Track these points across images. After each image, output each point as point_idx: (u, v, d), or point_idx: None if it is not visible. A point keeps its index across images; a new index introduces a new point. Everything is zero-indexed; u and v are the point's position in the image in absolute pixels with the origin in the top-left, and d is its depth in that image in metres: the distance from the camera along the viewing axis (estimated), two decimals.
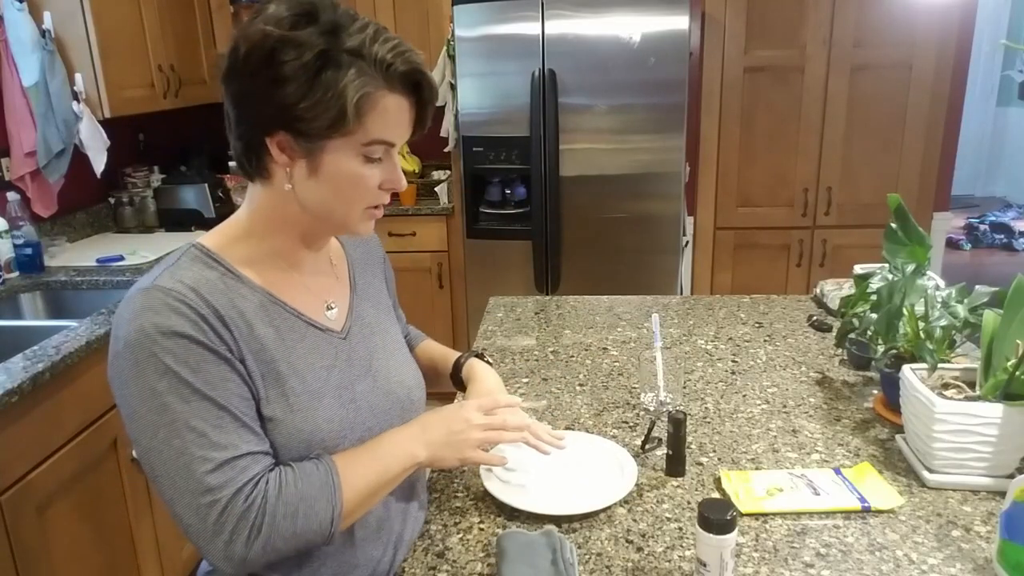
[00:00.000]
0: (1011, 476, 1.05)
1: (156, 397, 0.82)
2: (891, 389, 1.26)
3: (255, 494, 0.82)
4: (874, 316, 1.32)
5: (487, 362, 1.23)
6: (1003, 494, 0.91)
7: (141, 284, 0.86)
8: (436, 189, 3.43)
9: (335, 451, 0.90)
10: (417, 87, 0.87)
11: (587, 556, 0.97)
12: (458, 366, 1.21)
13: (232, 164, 3.71)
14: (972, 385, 1.12)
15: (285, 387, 0.88)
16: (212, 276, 0.88)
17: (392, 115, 0.86)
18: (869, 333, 1.35)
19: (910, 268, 1.27)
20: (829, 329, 1.75)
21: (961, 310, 1.22)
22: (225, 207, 3.11)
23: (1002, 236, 6.18)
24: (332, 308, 0.99)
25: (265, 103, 0.83)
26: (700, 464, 1.19)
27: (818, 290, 1.96)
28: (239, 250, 0.92)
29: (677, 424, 1.14)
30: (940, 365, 1.17)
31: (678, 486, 1.13)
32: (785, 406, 1.39)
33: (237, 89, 0.87)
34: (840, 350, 1.61)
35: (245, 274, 0.91)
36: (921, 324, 1.24)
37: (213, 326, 0.83)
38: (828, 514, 1.04)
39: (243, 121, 0.88)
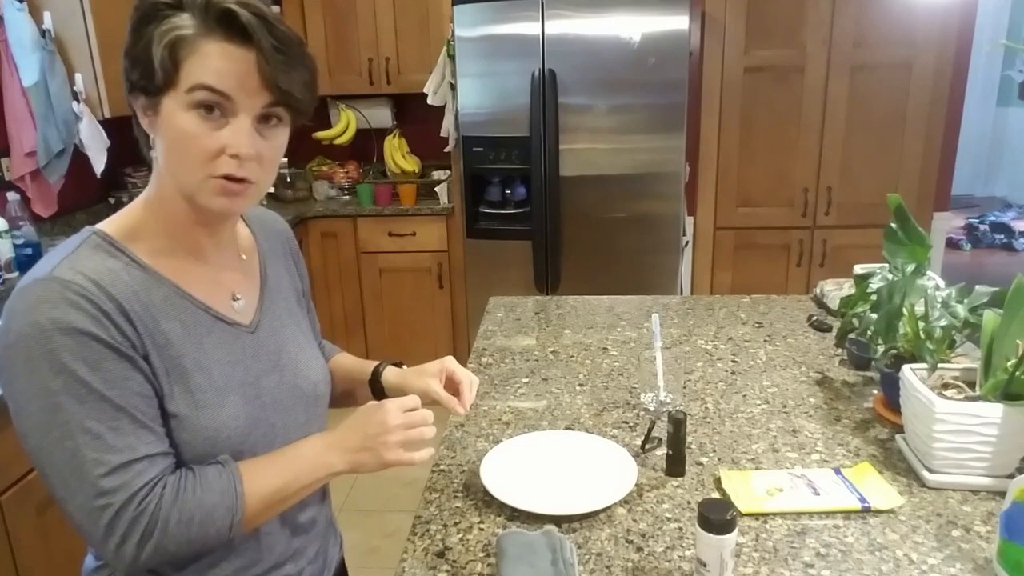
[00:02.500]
0: (1011, 476, 1.05)
1: (49, 396, 0.77)
2: (891, 389, 1.26)
3: (149, 499, 0.79)
4: (874, 316, 1.31)
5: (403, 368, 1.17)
6: (1003, 494, 0.91)
7: (36, 273, 0.79)
8: (436, 189, 3.43)
9: (240, 447, 0.87)
10: (241, 25, 0.79)
11: (587, 556, 0.97)
12: (377, 373, 1.14)
13: None
14: (972, 385, 1.12)
15: (191, 383, 0.84)
16: (115, 266, 0.82)
17: (214, 60, 0.79)
18: (869, 333, 1.35)
19: (910, 268, 1.27)
20: (829, 329, 1.75)
21: (961, 310, 1.22)
22: None
23: (1002, 236, 6.19)
24: (238, 299, 0.95)
25: (123, 66, 0.86)
26: (700, 464, 1.19)
27: (818, 290, 1.96)
28: (143, 238, 0.87)
29: (677, 424, 1.14)
30: (940, 365, 1.17)
31: (678, 486, 1.13)
32: (785, 406, 1.39)
33: (125, 63, 0.89)
34: (840, 350, 1.61)
35: (150, 265, 0.85)
36: (921, 324, 1.24)
37: (115, 322, 0.79)
38: (828, 514, 1.04)
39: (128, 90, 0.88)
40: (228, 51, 0.80)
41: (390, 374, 1.14)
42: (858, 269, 1.62)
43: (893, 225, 1.32)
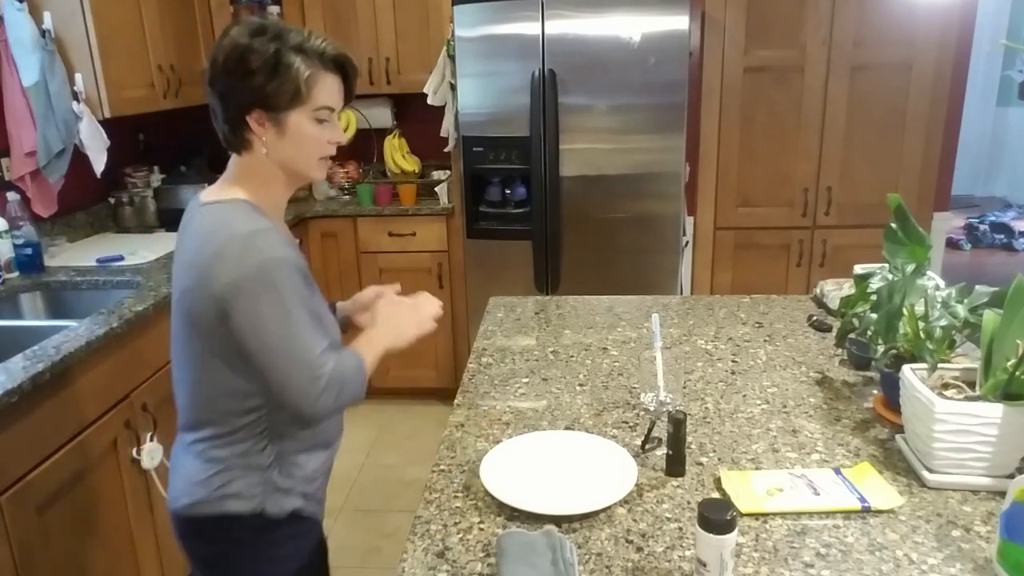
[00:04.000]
0: (1011, 476, 1.05)
1: (281, 306, 1.13)
2: (891, 389, 1.26)
3: (335, 370, 1.18)
4: (874, 316, 1.32)
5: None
6: (1003, 494, 0.91)
7: (234, 231, 1.14)
8: (436, 189, 3.43)
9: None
10: (343, 67, 1.22)
11: (587, 556, 0.97)
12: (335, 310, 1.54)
13: None
14: (972, 385, 1.12)
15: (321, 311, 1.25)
16: (270, 226, 1.18)
17: (329, 87, 1.20)
18: (869, 333, 1.35)
19: (910, 268, 1.27)
20: (829, 329, 1.75)
21: (961, 310, 1.22)
22: None
23: (1002, 236, 6.19)
24: None
25: (242, 91, 1.16)
26: (700, 464, 1.19)
27: (818, 290, 1.96)
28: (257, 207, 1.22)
29: (677, 424, 1.14)
30: (940, 365, 1.17)
31: (678, 486, 1.13)
32: (785, 406, 1.39)
33: (221, 86, 1.18)
34: (840, 350, 1.61)
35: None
36: (921, 324, 1.24)
37: (298, 256, 1.19)
38: (828, 514, 1.04)
39: (228, 108, 1.19)
40: (334, 81, 1.21)
41: (343, 309, 1.58)
42: (858, 269, 1.62)
43: (893, 225, 1.32)
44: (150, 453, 2.00)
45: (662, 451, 1.20)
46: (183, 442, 1.33)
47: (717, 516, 0.84)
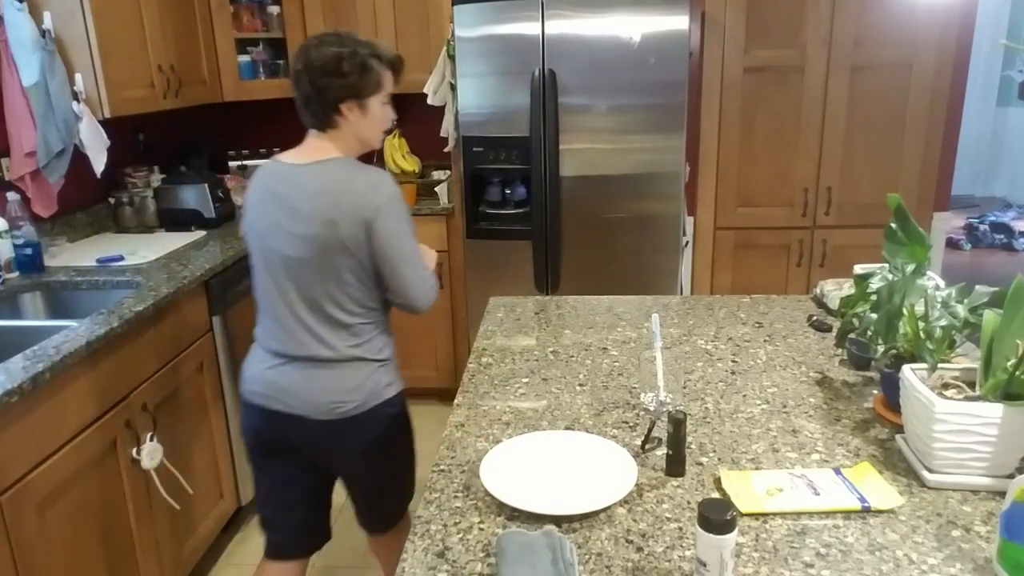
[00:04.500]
0: (1011, 476, 1.05)
1: (409, 225, 1.61)
2: (891, 389, 1.26)
3: (433, 275, 1.68)
4: (874, 316, 1.32)
5: None
6: (1003, 494, 0.91)
7: (368, 175, 1.59)
8: (436, 189, 3.43)
9: None
10: (395, 65, 1.66)
11: (587, 556, 0.97)
12: None
13: (232, 164, 3.72)
14: (972, 385, 1.12)
15: None
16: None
17: (390, 80, 1.65)
18: (869, 333, 1.36)
19: (910, 268, 1.27)
20: (829, 329, 1.75)
21: (961, 310, 1.22)
22: (225, 207, 3.11)
23: (1002, 236, 6.19)
24: None
25: (339, 87, 1.57)
26: (700, 464, 1.19)
27: (818, 290, 1.96)
28: None
29: (677, 424, 1.14)
30: (940, 365, 1.17)
31: (678, 486, 1.13)
32: (785, 406, 1.39)
33: (322, 84, 1.56)
34: (840, 350, 1.61)
35: None
36: (921, 324, 1.24)
37: None
38: (828, 514, 1.04)
39: (326, 100, 1.57)
40: (391, 75, 1.66)
41: None
42: (858, 269, 1.62)
43: (893, 225, 1.32)
44: (150, 453, 2.00)
45: (662, 451, 1.20)
46: (316, 358, 1.59)
47: (717, 516, 0.84)
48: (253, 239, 1.63)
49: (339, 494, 2.68)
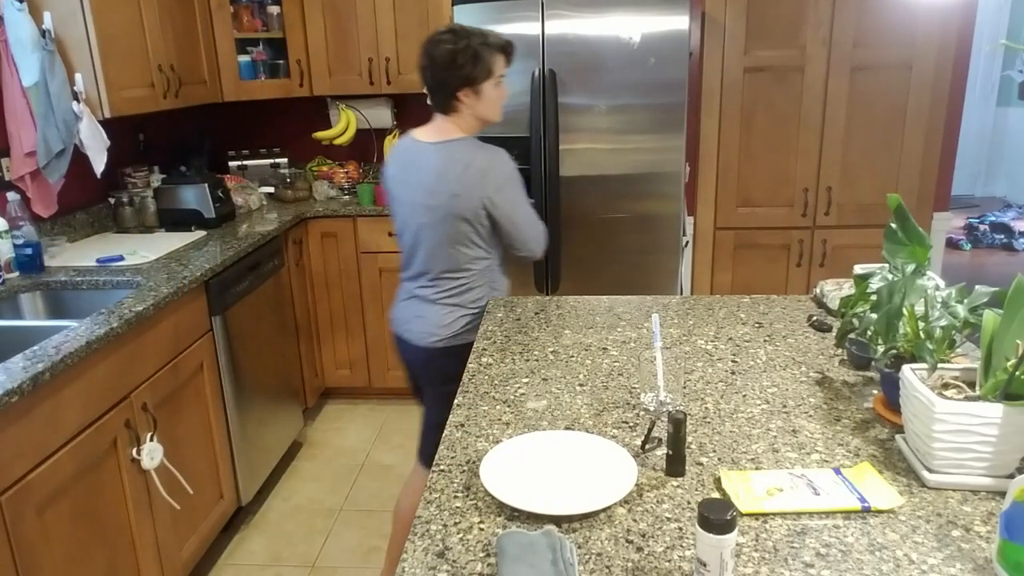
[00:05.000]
0: (1011, 476, 1.06)
1: (523, 193, 1.94)
2: (891, 389, 1.26)
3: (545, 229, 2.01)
4: (874, 316, 1.31)
5: None
6: (1003, 494, 0.91)
7: (489, 153, 1.91)
8: None
9: None
10: (507, 48, 1.93)
11: (587, 556, 0.97)
12: None
13: (232, 164, 3.72)
14: (972, 385, 1.12)
15: None
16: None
17: (501, 62, 1.93)
18: (869, 333, 1.35)
19: (910, 268, 1.27)
20: (829, 329, 1.75)
21: (961, 310, 1.22)
22: (225, 207, 3.11)
23: (1002, 236, 6.19)
24: None
25: (456, 78, 1.86)
26: (700, 464, 1.19)
27: (818, 290, 1.96)
28: None
29: (677, 424, 1.14)
30: (940, 365, 1.17)
31: (678, 486, 1.13)
32: (785, 406, 1.39)
33: (442, 77, 1.86)
34: (840, 350, 1.61)
35: None
36: (921, 324, 1.24)
37: None
38: (828, 514, 1.04)
39: (446, 90, 1.88)
40: (502, 57, 1.94)
41: None
42: (858, 269, 1.63)
43: (893, 225, 1.32)
44: (150, 453, 2.01)
45: (662, 451, 1.20)
46: (426, 298, 1.99)
47: (717, 516, 0.84)
48: (393, 203, 2.04)
49: (337, 493, 2.68)
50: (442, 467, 1.21)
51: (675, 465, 1.15)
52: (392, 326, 2.10)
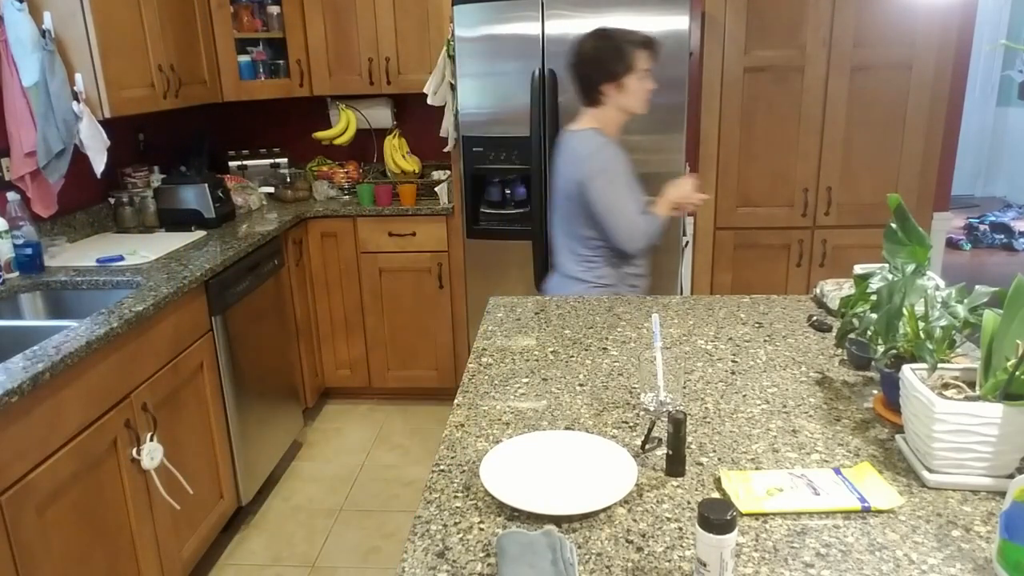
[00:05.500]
0: (1011, 476, 1.05)
1: (615, 184, 2.06)
2: (891, 389, 1.26)
3: (642, 226, 2.07)
4: (874, 316, 1.31)
5: None
6: (1003, 494, 0.91)
7: (593, 144, 2.07)
8: (436, 189, 3.43)
9: None
10: (650, 44, 2.07)
11: (587, 556, 0.97)
12: None
13: (232, 164, 3.72)
14: (972, 385, 1.12)
15: None
16: (610, 141, 2.10)
17: (644, 57, 2.06)
18: (869, 333, 1.35)
19: (910, 268, 1.27)
20: (829, 329, 1.75)
21: (961, 310, 1.22)
22: (225, 207, 3.11)
23: (1002, 236, 6.19)
24: None
25: (602, 73, 2.05)
26: (700, 464, 1.19)
27: (818, 290, 1.96)
28: (605, 133, 2.11)
29: (677, 424, 1.14)
30: (940, 365, 1.17)
31: (678, 486, 1.13)
32: (785, 406, 1.39)
33: (588, 73, 2.07)
34: (840, 350, 1.61)
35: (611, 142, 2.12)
36: (921, 324, 1.24)
37: (625, 160, 2.11)
38: (828, 514, 1.04)
39: (591, 86, 2.08)
40: (645, 52, 2.07)
41: (647, 202, 2.18)
42: (858, 269, 1.62)
43: (893, 225, 1.31)
44: (150, 453, 2.01)
45: (662, 451, 1.20)
46: (565, 275, 2.22)
47: (717, 516, 0.84)
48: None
49: (337, 493, 2.67)
50: (442, 467, 1.21)
51: (675, 465, 1.15)
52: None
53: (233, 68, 3.38)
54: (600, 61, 2.04)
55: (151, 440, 2.02)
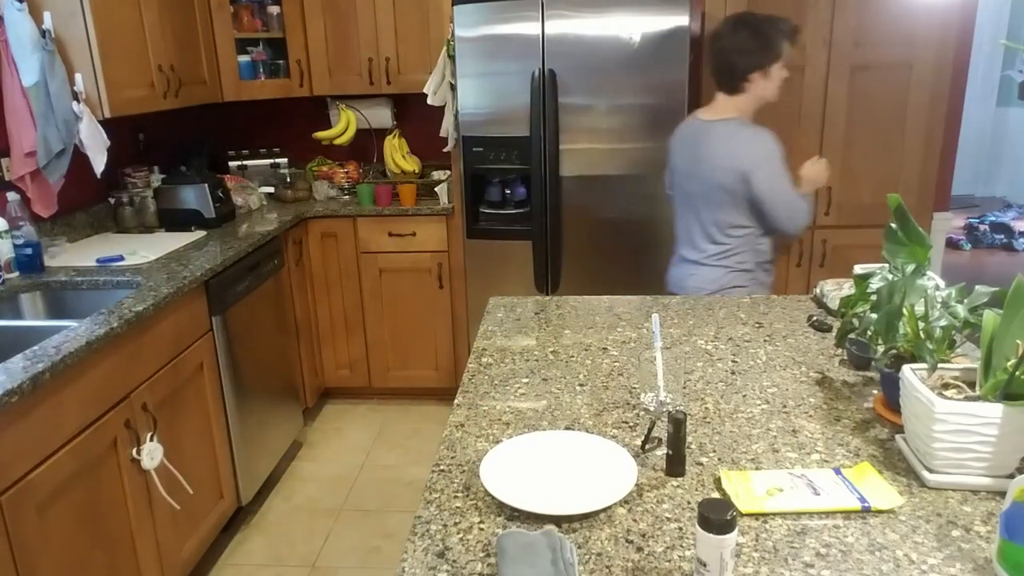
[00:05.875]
0: (1011, 476, 1.05)
1: (780, 169, 2.10)
2: (891, 389, 1.26)
3: (803, 207, 2.14)
4: (874, 316, 1.31)
5: None
6: (1003, 494, 0.91)
7: (752, 132, 2.13)
8: (436, 189, 3.43)
9: None
10: (792, 35, 2.12)
11: (587, 556, 0.97)
12: None
13: (232, 164, 3.72)
14: (972, 385, 1.12)
15: None
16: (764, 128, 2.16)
17: (788, 48, 2.11)
18: (869, 333, 1.35)
19: (910, 268, 1.27)
20: (829, 329, 1.75)
21: (961, 310, 1.22)
22: (225, 207, 3.11)
23: (1002, 236, 6.19)
24: None
25: (750, 62, 2.10)
26: (700, 464, 1.19)
27: (818, 290, 1.96)
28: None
29: (677, 424, 1.14)
30: (940, 365, 1.17)
31: (678, 486, 1.13)
32: (785, 406, 1.39)
33: (734, 59, 2.10)
34: (840, 350, 1.61)
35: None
36: (921, 324, 1.24)
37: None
38: (828, 514, 1.04)
39: (737, 73, 2.12)
40: (788, 43, 2.13)
41: None
42: (858, 269, 1.62)
43: (893, 225, 1.31)
44: (150, 453, 2.01)
45: (662, 451, 1.20)
46: (698, 262, 2.26)
47: (717, 516, 0.84)
48: (675, 175, 2.33)
49: (337, 493, 2.68)
50: (442, 467, 1.21)
51: (675, 465, 1.15)
52: (668, 288, 2.43)
53: (233, 68, 3.38)
54: (749, 50, 2.07)
55: (151, 440, 2.02)
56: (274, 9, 3.47)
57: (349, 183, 3.72)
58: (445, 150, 3.34)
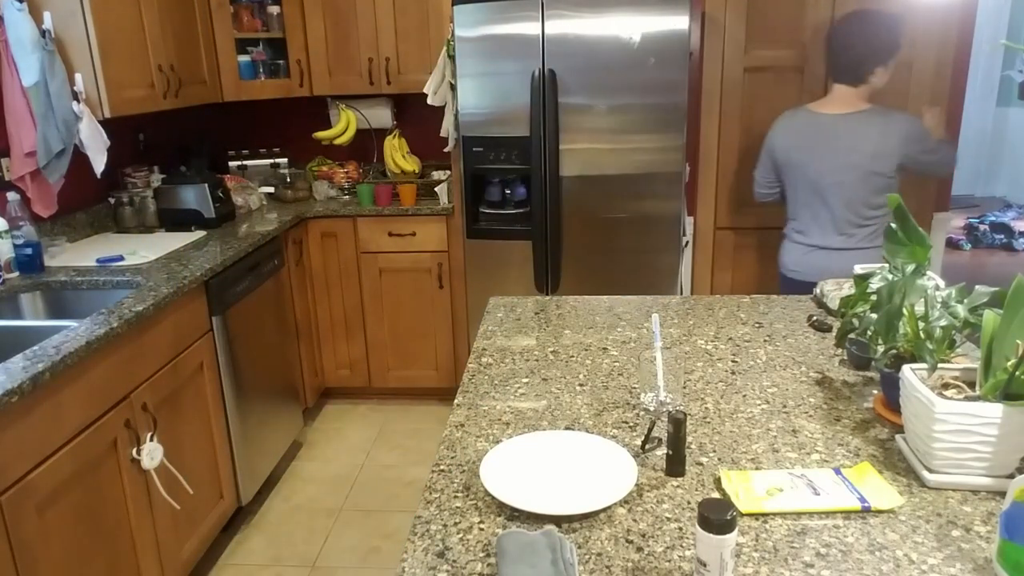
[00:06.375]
0: (1011, 476, 1.05)
1: (929, 135, 2.38)
2: (891, 389, 1.26)
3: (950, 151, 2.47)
4: (874, 316, 1.32)
5: None
6: (1003, 494, 0.91)
7: (899, 115, 2.33)
8: (436, 189, 3.43)
9: None
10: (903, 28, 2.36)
11: (587, 556, 0.97)
12: None
13: (232, 164, 3.72)
14: (972, 385, 1.12)
15: None
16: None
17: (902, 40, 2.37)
18: (869, 333, 1.35)
19: (910, 268, 1.27)
20: (829, 329, 1.75)
21: (961, 310, 1.22)
22: (225, 207, 3.11)
23: (1002, 236, 6.18)
24: None
25: (879, 56, 2.29)
26: (700, 464, 1.19)
27: (818, 290, 1.96)
28: None
29: (677, 424, 1.14)
30: (940, 365, 1.17)
31: (678, 486, 1.13)
32: (785, 406, 1.39)
33: (862, 53, 2.29)
34: (840, 350, 1.61)
35: None
36: (921, 324, 1.24)
37: None
38: (828, 514, 1.04)
39: (863, 65, 2.28)
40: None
41: None
42: (858, 269, 1.63)
43: (893, 225, 1.32)
44: (150, 453, 2.01)
45: (662, 451, 1.20)
46: (851, 248, 2.38)
47: (717, 516, 0.84)
48: (794, 169, 2.44)
49: (337, 493, 2.68)
50: (442, 467, 1.21)
51: (675, 465, 1.16)
52: (793, 276, 2.51)
53: (233, 68, 3.38)
54: (877, 45, 2.26)
55: (151, 440, 2.02)
56: (274, 9, 3.47)
57: (349, 183, 3.72)
58: (445, 150, 3.34)
